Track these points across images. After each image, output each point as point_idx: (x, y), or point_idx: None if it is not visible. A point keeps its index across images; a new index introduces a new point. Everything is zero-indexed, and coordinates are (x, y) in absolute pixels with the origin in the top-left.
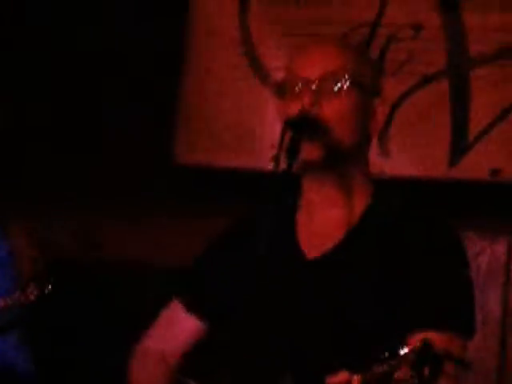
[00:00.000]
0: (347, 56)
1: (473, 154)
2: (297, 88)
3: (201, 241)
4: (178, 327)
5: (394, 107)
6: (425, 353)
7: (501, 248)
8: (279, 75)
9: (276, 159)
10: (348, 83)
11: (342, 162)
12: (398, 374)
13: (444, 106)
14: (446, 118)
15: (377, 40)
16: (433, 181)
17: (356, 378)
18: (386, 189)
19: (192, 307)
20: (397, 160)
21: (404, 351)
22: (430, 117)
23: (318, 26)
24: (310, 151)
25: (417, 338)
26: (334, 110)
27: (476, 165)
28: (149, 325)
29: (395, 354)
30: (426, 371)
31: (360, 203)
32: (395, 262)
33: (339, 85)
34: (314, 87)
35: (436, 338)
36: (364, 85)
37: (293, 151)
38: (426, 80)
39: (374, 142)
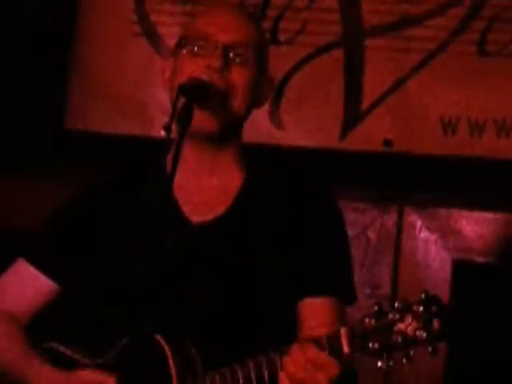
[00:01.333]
0: (253, 28)
1: (365, 125)
2: (198, 47)
3: None
4: (26, 287)
5: (288, 77)
6: (434, 304)
7: (391, 219)
8: (173, 42)
9: (168, 127)
10: (252, 55)
11: (230, 133)
12: (399, 326)
13: (338, 77)
14: (340, 88)
15: (271, 9)
16: (326, 152)
17: (344, 331)
18: (271, 161)
19: (42, 265)
20: (290, 131)
21: (403, 303)
22: (323, 88)
23: None
24: (205, 122)
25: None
26: (238, 80)
27: (368, 135)
28: None
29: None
30: (436, 324)
31: (239, 172)
32: (278, 231)
33: (245, 55)
34: (223, 51)
35: (318, 303)
36: (263, 59)
37: (185, 118)
38: (320, 50)
39: (267, 111)
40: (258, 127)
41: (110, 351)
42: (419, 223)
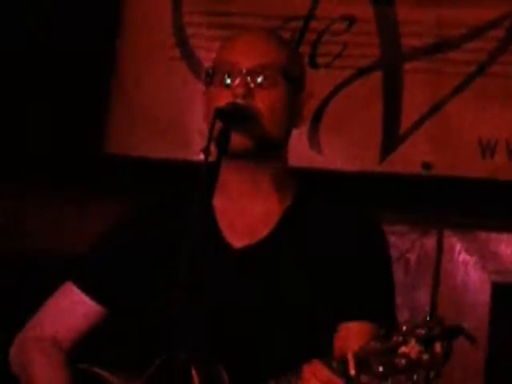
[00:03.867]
0: (279, 49)
1: (404, 148)
2: (226, 76)
3: None
4: (71, 311)
5: (327, 101)
6: (436, 327)
7: (431, 242)
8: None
9: (206, 151)
10: (279, 77)
11: (268, 154)
12: (402, 349)
13: (376, 99)
14: (379, 111)
15: (310, 33)
16: (365, 175)
17: (351, 353)
18: (311, 183)
19: (90, 290)
20: (328, 154)
21: (408, 326)
22: (362, 110)
23: (252, 18)
24: (240, 141)
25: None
26: (265, 102)
27: (407, 158)
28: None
29: (392, 330)
30: (438, 347)
31: (282, 197)
32: (320, 257)
33: (271, 78)
34: (246, 78)
35: (358, 328)
36: (293, 79)
37: (223, 142)
38: (359, 73)
39: (306, 135)
40: (297, 151)
41: (142, 375)
42: (458, 246)
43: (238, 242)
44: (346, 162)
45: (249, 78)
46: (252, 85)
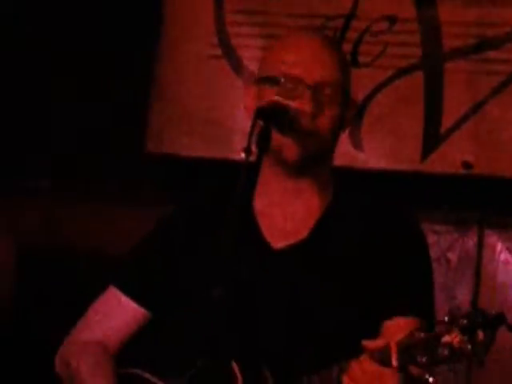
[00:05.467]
0: (340, 65)
1: (445, 147)
2: (287, 86)
3: None
4: (117, 315)
5: (368, 100)
6: (479, 317)
7: (471, 241)
8: (254, 65)
9: (247, 150)
10: (339, 93)
11: (316, 162)
12: (445, 339)
13: (417, 98)
14: (420, 110)
15: (351, 32)
16: (406, 174)
17: (394, 344)
18: (351, 183)
19: (134, 293)
20: (369, 152)
21: (450, 316)
22: (403, 109)
23: (293, 17)
24: (288, 148)
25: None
26: (329, 120)
27: (448, 158)
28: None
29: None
30: (480, 335)
31: (322, 197)
32: (360, 256)
33: (332, 95)
34: (312, 93)
35: (404, 322)
36: (348, 94)
37: (263, 141)
38: (400, 73)
39: (348, 134)
40: (339, 150)
41: (183, 376)
42: (499, 245)
43: (278, 242)
44: (387, 161)
45: (315, 93)
46: (317, 102)
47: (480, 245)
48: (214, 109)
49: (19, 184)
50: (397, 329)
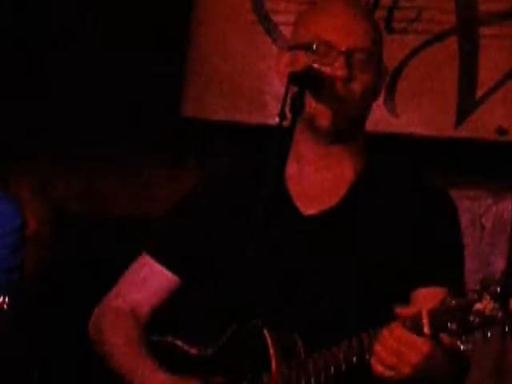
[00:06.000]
0: (372, 32)
1: (480, 113)
2: (320, 52)
3: None
4: (149, 283)
5: (403, 65)
6: (510, 284)
7: (506, 206)
8: (288, 30)
9: (282, 115)
10: (372, 60)
11: (350, 130)
12: (477, 306)
13: (452, 64)
14: (454, 76)
15: None
16: (440, 139)
17: (426, 311)
18: (386, 149)
19: (165, 260)
20: (405, 119)
21: (483, 284)
22: (437, 76)
23: None
24: (321, 114)
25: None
26: (361, 86)
27: (483, 123)
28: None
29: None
30: None
31: (354, 164)
32: (390, 226)
33: (366, 61)
34: (346, 59)
35: (434, 292)
36: (380, 58)
37: (297, 107)
38: (435, 38)
39: (382, 99)
40: (373, 115)
41: (216, 342)
42: None
43: (309, 209)
44: (421, 126)
45: (348, 59)
46: (351, 68)
47: None
48: (248, 74)
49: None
50: (427, 298)
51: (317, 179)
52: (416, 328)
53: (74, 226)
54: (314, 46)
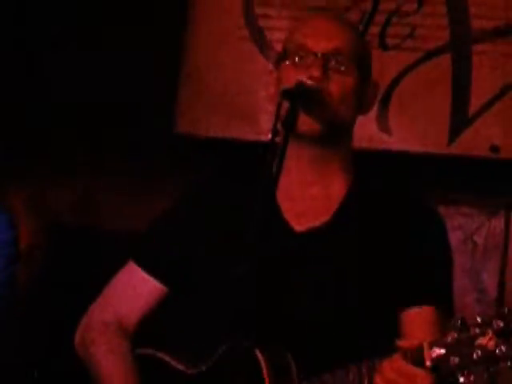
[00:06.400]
0: (352, 36)
1: (472, 130)
2: (299, 58)
3: None
4: (136, 292)
5: (396, 82)
6: None
7: (498, 224)
8: (281, 47)
9: (274, 131)
10: (352, 63)
11: (334, 139)
12: (480, 341)
13: (445, 81)
14: (447, 93)
15: (379, 14)
16: (433, 156)
17: (427, 344)
18: (378, 166)
19: (151, 269)
20: (398, 136)
21: (485, 318)
22: (430, 92)
23: None
24: (309, 123)
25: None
26: (338, 86)
27: (475, 141)
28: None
29: (450, 314)
30: None
31: (344, 180)
32: (381, 242)
33: (345, 63)
34: (322, 61)
35: (422, 313)
36: (364, 67)
37: (289, 122)
38: (428, 55)
39: (375, 116)
40: (366, 132)
41: (205, 360)
42: None
43: (300, 225)
44: (414, 144)
45: (323, 61)
46: (326, 67)
47: (507, 228)
48: (241, 90)
49: (49, 163)
50: (418, 320)
51: (307, 195)
52: (417, 360)
53: (68, 238)
54: (293, 50)
